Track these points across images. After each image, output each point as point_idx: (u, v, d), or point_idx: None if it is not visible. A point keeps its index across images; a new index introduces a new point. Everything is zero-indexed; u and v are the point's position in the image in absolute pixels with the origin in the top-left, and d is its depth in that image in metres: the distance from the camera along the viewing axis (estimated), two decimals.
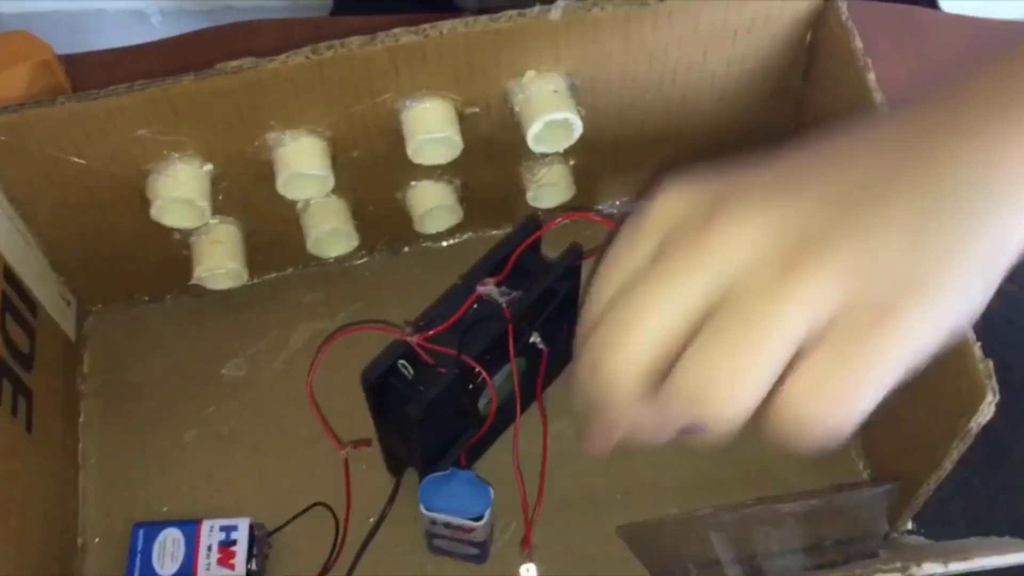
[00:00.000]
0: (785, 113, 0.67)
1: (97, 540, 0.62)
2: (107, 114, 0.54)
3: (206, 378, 0.67)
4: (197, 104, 0.55)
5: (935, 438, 0.50)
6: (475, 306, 0.56)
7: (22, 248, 0.60)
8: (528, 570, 0.52)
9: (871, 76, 0.56)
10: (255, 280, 0.69)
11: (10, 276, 0.58)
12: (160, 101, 0.54)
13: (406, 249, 0.72)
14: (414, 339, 0.54)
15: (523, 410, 0.59)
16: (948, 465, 0.51)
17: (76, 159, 0.56)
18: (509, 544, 0.61)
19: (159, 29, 1.50)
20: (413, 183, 0.66)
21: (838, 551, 0.53)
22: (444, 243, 0.72)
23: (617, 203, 0.72)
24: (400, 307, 0.68)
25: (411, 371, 0.53)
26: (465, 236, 0.71)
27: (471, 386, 0.57)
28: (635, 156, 0.68)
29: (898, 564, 0.43)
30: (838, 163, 0.37)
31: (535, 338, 0.55)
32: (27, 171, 0.57)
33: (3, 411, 0.54)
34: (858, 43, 0.57)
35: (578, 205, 0.70)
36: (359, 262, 0.71)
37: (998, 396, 0.45)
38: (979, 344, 0.47)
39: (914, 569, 0.43)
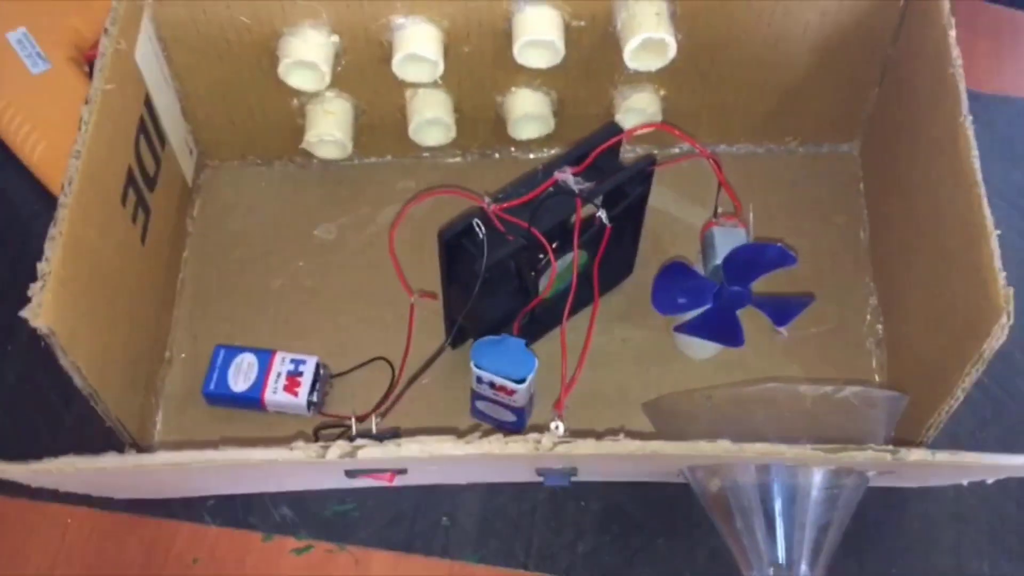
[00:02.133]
0: (869, 73, 0.71)
1: (183, 356, 0.69)
2: None
3: (298, 236, 0.74)
4: None
5: (950, 360, 0.53)
6: (551, 190, 0.61)
7: (162, 86, 0.67)
8: (557, 427, 0.56)
9: (952, 34, 0.59)
10: (355, 161, 0.76)
11: (149, 106, 0.65)
12: None
13: (496, 155, 0.77)
14: (491, 207, 0.59)
15: (581, 304, 0.64)
16: (960, 393, 0.54)
17: (223, 10, 0.63)
18: (545, 418, 0.65)
19: None
20: (513, 88, 0.71)
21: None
22: (531, 155, 0.77)
23: (698, 143, 0.76)
24: None
25: (483, 232, 0.58)
26: (552, 150, 0.77)
27: (533, 262, 0.62)
28: (721, 97, 0.73)
29: (889, 447, 0.46)
30: None
31: (600, 212, 0.60)
32: (179, 14, 0.64)
33: (126, 214, 0.61)
34: (947, 8, 0.60)
35: (660, 138, 0.75)
36: (451, 160, 0.77)
37: (1012, 319, 0.48)
38: (1004, 273, 0.50)
39: (903, 452, 0.46)
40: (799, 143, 0.77)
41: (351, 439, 0.60)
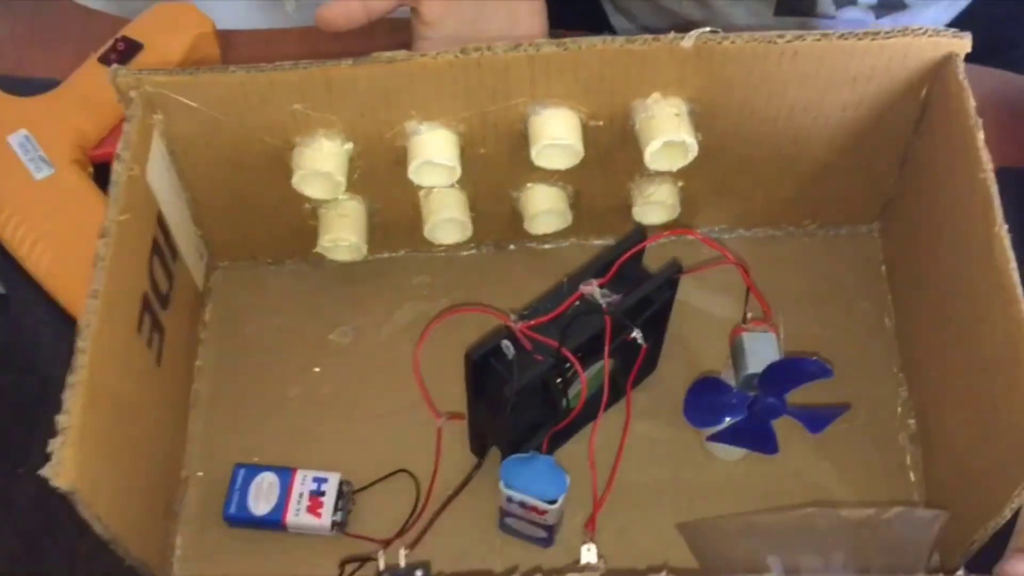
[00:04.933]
0: (890, 162, 0.70)
1: (200, 474, 0.67)
2: (270, 86, 0.60)
3: (314, 341, 0.72)
4: (350, 87, 0.60)
5: (996, 476, 0.52)
6: (577, 304, 0.59)
7: (174, 199, 0.65)
8: (589, 549, 0.55)
9: (980, 136, 0.58)
10: (369, 257, 0.74)
11: (161, 223, 0.63)
12: (318, 80, 0.60)
13: (512, 247, 0.76)
14: (518, 326, 0.58)
15: (608, 407, 0.62)
16: (1008, 512, 0.53)
17: (236, 123, 0.62)
18: (574, 533, 0.64)
19: (293, 17, 1.58)
20: (529, 184, 0.70)
21: None
22: (548, 245, 0.76)
23: (716, 228, 0.76)
24: (499, 299, 0.72)
25: (512, 353, 0.57)
26: (568, 242, 0.75)
27: (562, 379, 0.60)
28: (740, 186, 0.72)
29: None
30: None
31: (636, 334, 0.58)
32: (190, 129, 0.63)
33: (142, 342, 0.60)
34: (971, 102, 0.59)
35: (679, 225, 0.74)
36: (466, 253, 0.76)
37: None
38: None
39: None
40: (818, 225, 0.76)
41: (380, 574, 0.58)
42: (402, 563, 0.60)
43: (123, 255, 0.56)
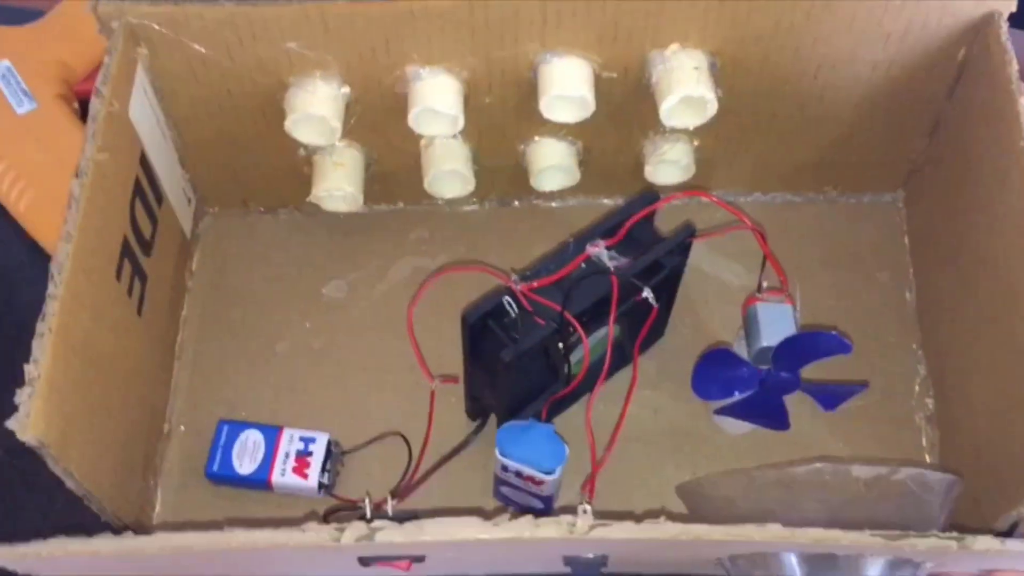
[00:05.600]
0: (920, 128, 0.66)
1: (182, 428, 0.65)
2: (263, 21, 0.56)
3: (306, 294, 0.69)
4: (348, 26, 0.56)
5: (1021, 470, 0.49)
6: (582, 265, 0.56)
7: (159, 139, 0.62)
8: (585, 511, 0.52)
9: (1022, 102, 0.54)
10: (366, 209, 0.70)
11: (145, 163, 0.60)
12: (314, 17, 0.56)
13: (516, 203, 0.72)
14: (519, 287, 0.55)
15: (611, 374, 0.59)
16: None
17: (225, 60, 0.58)
18: (572, 500, 0.61)
19: None
20: (536, 138, 0.66)
21: None
22: (553, 203, 0.72)
23: (732, 191, 0.72)
24: (500, 258, 0.69)
25: (514, 313, 0.53)
26: (575, 200, 0.72)
27: (564, 343, 0.57)
28: (760, 147, 0.68)
29: (954, 534, 0.43)
30: None
31: (647, 292, 0.55)
32: (176, 65, 0.59)
33: (121, 290, 0.56)
34: (1014, 66, 0.55)
35: (693, 187, 0.70)
36: (468, 208, 0.72)
37: None
38: None
39: (969, 540, 0.43)
40: (839, 192, 0.72)
41: (367, 521, 0.56)
42: (389, 512, 0.58)
43: (101, 196, 0.53)
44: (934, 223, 0.67)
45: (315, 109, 0.60)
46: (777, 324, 0.57)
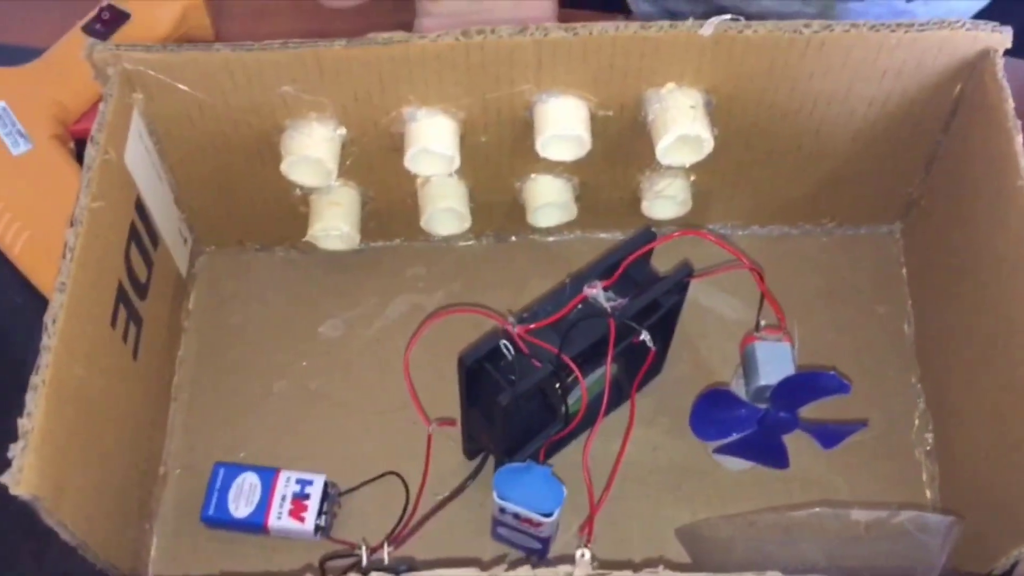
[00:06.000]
0: (917, 162, 0.66)
1: (178, 471, 0.64)
2: (258, 66, 0.56)
3: (303, 334, 0.69)
4: (343, 69, 0.56)
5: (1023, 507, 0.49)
6: (579, 307, 0.56)
7: (154, 181, 0.62)
8: (583, 555, 0.52)
9: (1019, 140, 0.54)
10: (362, 246, 0.70)
11: (140, 207, 0.60)
12: (310, 61, 0.56)
13: (513, 238, 0.72)
14: (516, 329, 0.54)
15: (609, 411, 0.59)
16: None
17: (220, 104, 0.58)
18: (568, 542, 0.61)
19: None
20: (533, 175, 0.66)
21: None
22: (551, 238, 0.72)
23: (729, 224, 0.72)
24: (498, 293, 0.69)
25: (511, 356, 0.53)
26: (572, 235, 0.72)
27: (561, 385, 0.57)
28: (756, 182, 0.68)
29: None
30: None
31: (644, 336, 0.55)
32: (172, 109, 0.59)
33: (116, 336, 0.56)
34: (1010, 103, 0.55)
35: (689, 222, 0.70)
36: (464, 244, 0.72)
37: None
38: None
39: None
40: (836, 224, 0.72)
41: (362, 571, 0.55)
42: (385, 560, 0.57)
43: (96, 244, 0.53)
44: (932, 255, 0.67)
45: (311, 152, 0.60)
46: (775, 363, 0.57)
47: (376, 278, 0.71)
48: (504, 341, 0.54)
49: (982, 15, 0.59)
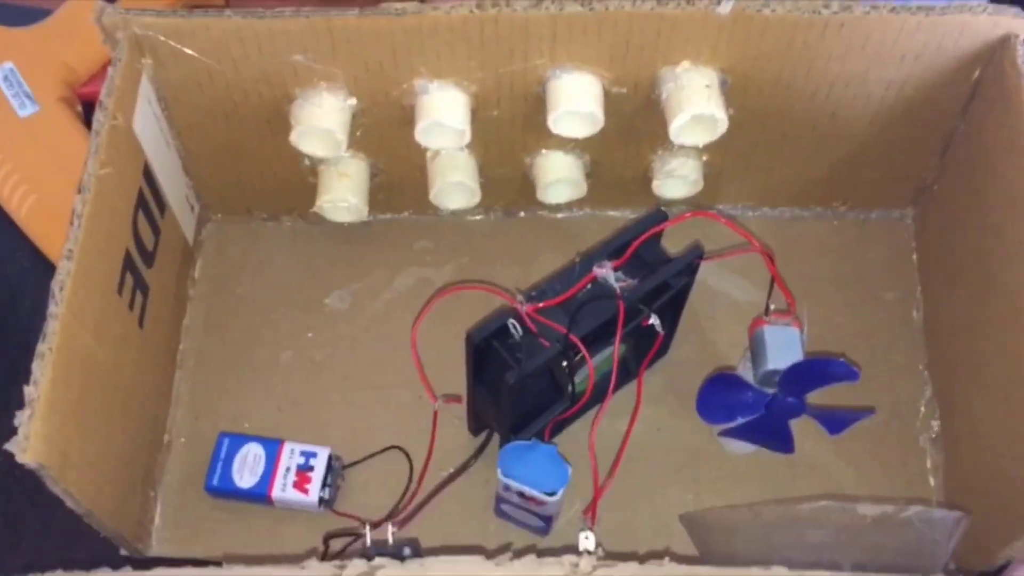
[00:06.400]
0: (932, 147, 0.65)
1: (183, 440, 0.64)
2: (269, 34, 0.55)
3: (309, 305, 0.69)
4: (355, 39, 0.56)
5: None
6: (588, 286, 0.56)
7: (162, 148, 0.61)
8: (587, 537, 0.52)
9: None
10: (370, 218, 0.70)
11: (148, 174, 0.59)
12: (321, 30, 0.55)
13: (522, 214, 0.72)
14: (525, 308, 0.54)
15: (615, 390, 0.59)
16: None
17: (230, 71, 0.57)
18: (571, 521, 0.61)
19: None
20: (544, 151, 0.66)
21: None
22: (560, 215, 0.72)
23: (739, 205, 0.71)
24: (506, 269, 0.68)
25: (519, 335, 0.53)
26: (582, 212, 0.71)
27: (568, 364, 0.57)
28: (769, 163, 0.67)
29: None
30: None
31: (653, 320, 0.55)
32: (181, 76, 0.58)
33: (123, 303, 0.56)
34: None
35: (700, 202, 0.70)
36: (473, 218, 0.72)
37: None
38: None
39: None
40: (848, 208, 0.71)
41: (366, 551, 0.55)
42: (389, 540, 0.57)
43: (103, 212, 0.52)
44: (943, 241, 0.66)
45: (321, 122, 0.59)
46: (784, 347, 0.57)
47: (384, 251, 0.71)
48: (512, 320, 0.54)
49: None
